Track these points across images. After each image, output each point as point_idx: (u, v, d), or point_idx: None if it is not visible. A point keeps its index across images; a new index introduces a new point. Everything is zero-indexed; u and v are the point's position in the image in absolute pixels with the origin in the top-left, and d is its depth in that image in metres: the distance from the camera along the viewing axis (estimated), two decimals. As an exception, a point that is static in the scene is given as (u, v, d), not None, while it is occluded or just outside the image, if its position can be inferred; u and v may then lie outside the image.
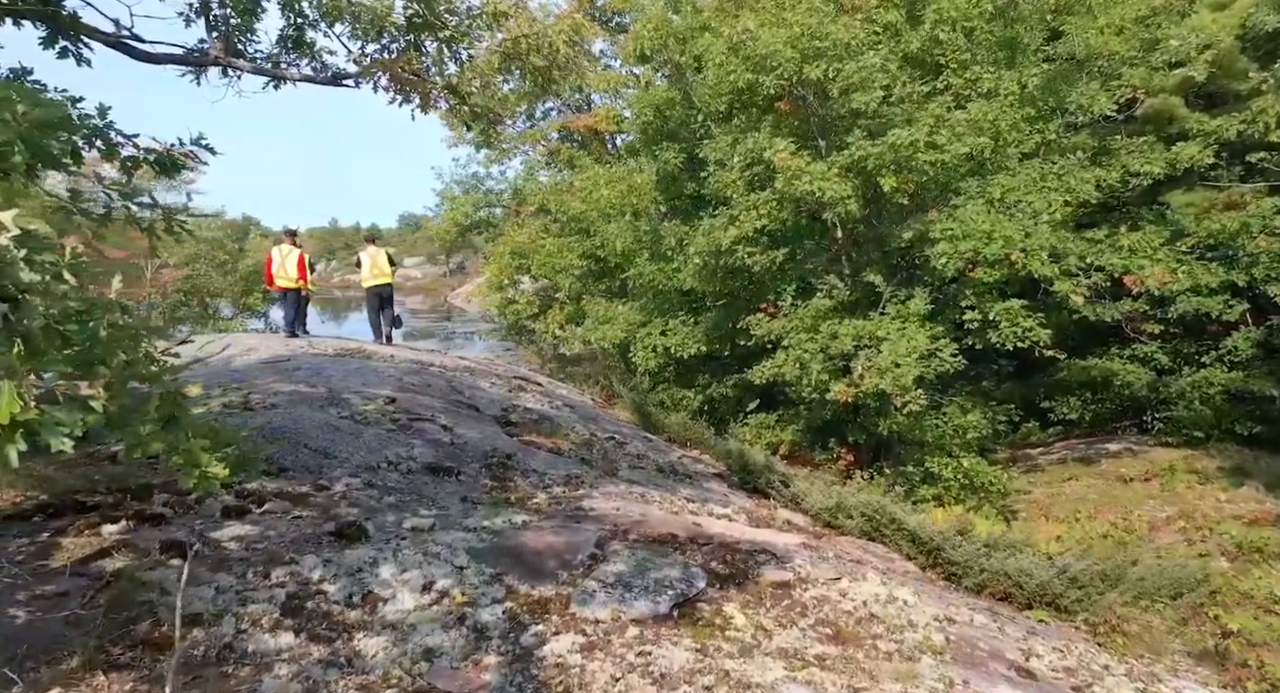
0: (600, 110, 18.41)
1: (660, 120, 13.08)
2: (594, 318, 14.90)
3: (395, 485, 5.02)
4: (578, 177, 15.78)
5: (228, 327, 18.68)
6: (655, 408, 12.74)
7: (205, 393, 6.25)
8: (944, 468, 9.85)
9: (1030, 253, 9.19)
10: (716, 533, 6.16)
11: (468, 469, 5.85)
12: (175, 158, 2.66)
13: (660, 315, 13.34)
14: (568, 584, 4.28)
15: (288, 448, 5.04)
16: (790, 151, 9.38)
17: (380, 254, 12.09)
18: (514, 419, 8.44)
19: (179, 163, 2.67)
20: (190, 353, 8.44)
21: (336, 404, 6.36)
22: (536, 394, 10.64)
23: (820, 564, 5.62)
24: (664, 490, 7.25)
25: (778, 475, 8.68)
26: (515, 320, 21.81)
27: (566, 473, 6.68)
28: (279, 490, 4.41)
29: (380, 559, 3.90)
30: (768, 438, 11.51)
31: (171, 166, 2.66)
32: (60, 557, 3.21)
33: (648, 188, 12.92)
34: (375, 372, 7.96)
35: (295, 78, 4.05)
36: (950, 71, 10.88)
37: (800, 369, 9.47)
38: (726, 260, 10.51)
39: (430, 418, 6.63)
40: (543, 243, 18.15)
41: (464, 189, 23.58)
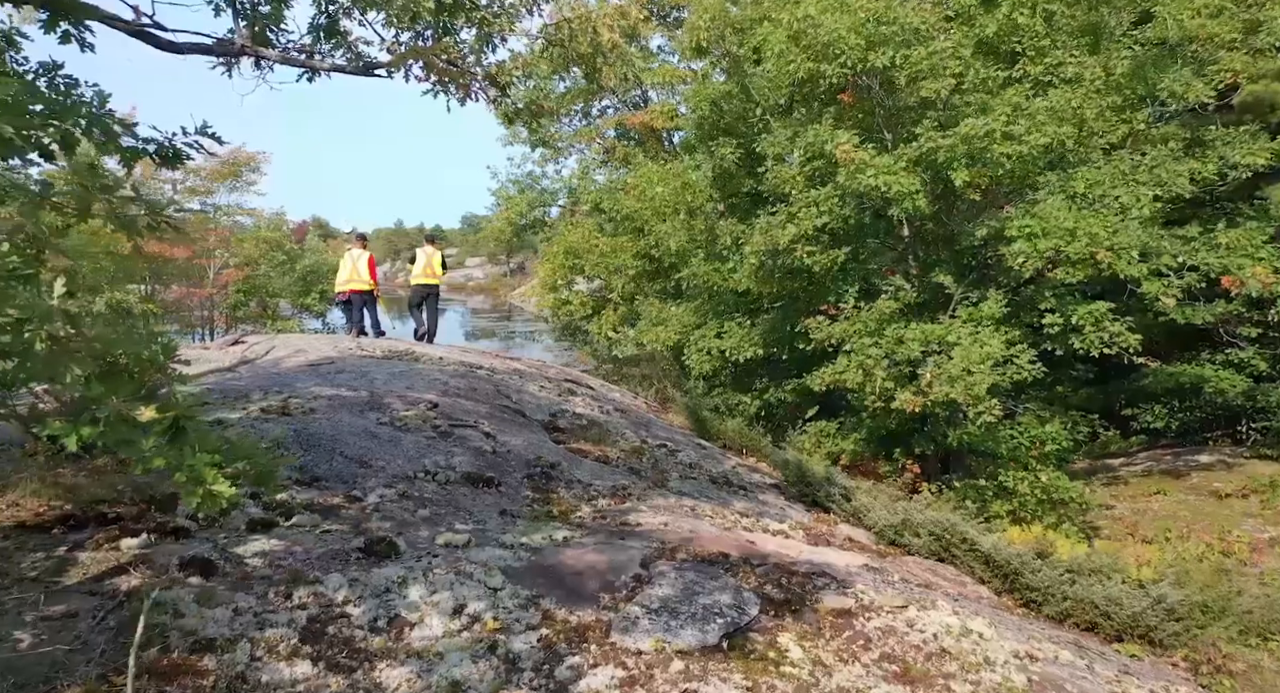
0: (656, 106, 18.14)
1: (717, 115, 12.73)
2: (647, 319, 14.65)
3: (431, 497, 4.84)
4: (631, 174, 15.56)
5: (285, 326, 19.14)
6: (710, 413, 12.41)
7: (245, 396, 6.21)
8: (1020, 482, 9.25)
9: (1118, 251, 8.53)
10: (771, 552, 5.81)
11: (509, 479, 5.64)
12: (178, 148, 2.49)
13: (715, 317, 13.00)
14: (609, 609, 4.02)
15: (322, 456, 4.92)
16: (853, 144, 8.93)
17: (436, 255, 12.18)
18: (561, 425, 8.23)
19: (181, 153, 2.50)
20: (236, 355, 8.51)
21: (377, 409, 6.25)
22: (587, 398, 10.44)
23: (885, 590, 5.22)
24: (716, 504, 6.94)
25: (838, 488, 8.26)
26: (569, 321, 21.73)
27: (613, 484, 6.43)
28: (309, 502, 4.27)
29: (410, 579, 3.70)
30: (827, 447, 11.05)
31: (174, 157, 2.48)
32: (75, 573, 3.09)
33: (703, 185, 12.60)
34: (421, 375, 7.86)
35: (325, 68, 3.91)
36: (1027, 59, 10.24)
37: (863, 376, 9.00)
38: (784, 260, 10.10)
39: (473, 424, 6.46)
40: (596, 242, 18.00)
41: (519, 188, 23.63)
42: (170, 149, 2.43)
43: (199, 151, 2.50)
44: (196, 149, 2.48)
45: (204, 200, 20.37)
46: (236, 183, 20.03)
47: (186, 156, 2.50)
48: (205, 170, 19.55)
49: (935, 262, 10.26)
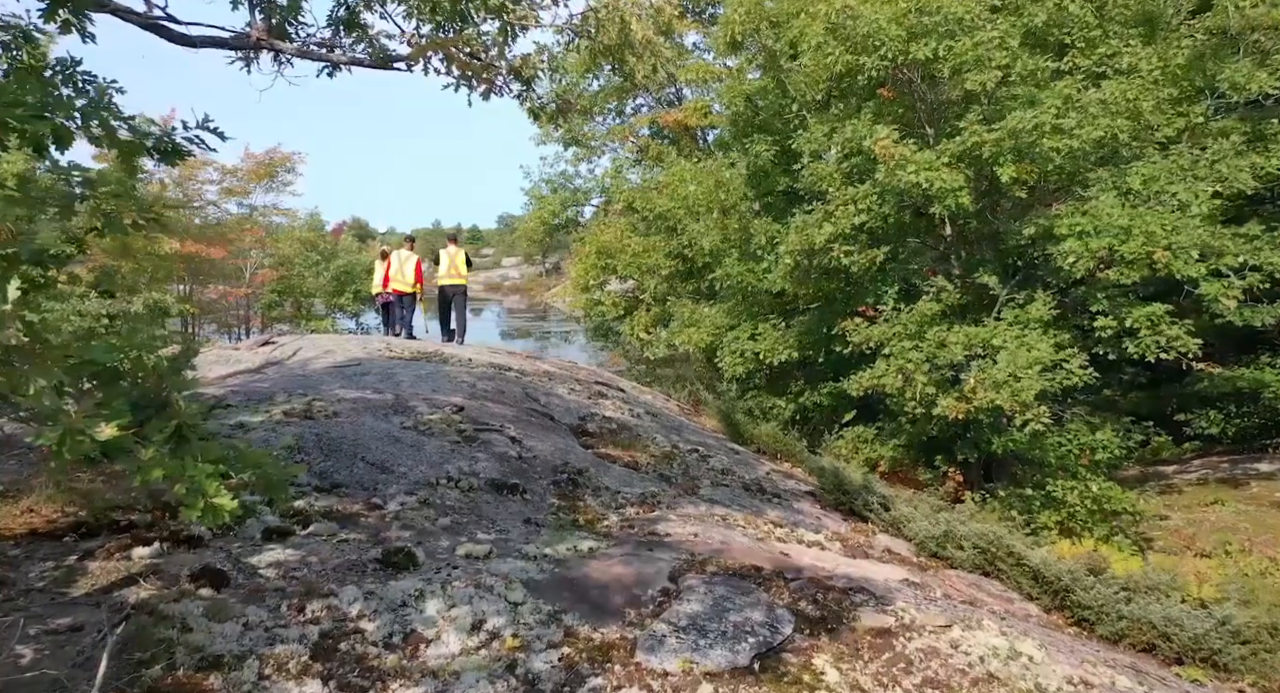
0: (690, 104, 17.93)
1: (751, 111, 12.48)
2: (679, 320, 14.45)
3: (453, 505, 4.74)
4: (664, 173, 15.39)
5: (319, 326, 19.34)
6: (743, 417, 12.19)
7: (269, 398, 6.18)
8: (1069, 492, 8.86)
9: (1176, 251, 8.12)
10: (806, 565, 5.61)
11: (534, 486, 5.52)
12: (176, 143, 2.38)
13: (749, 318, 12.75)
14: (634, 626, 3.86)
15: (343, 461, 4.84)
16: (893, 139, 8.64)
17: (460, 254, 12.29)
18: (590, 429, 8.10)
19: (180, 149, 2.39)
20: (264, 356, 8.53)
21: (402, 413, 6.18)
22: (617, 401, 10.30)
23: (927, 607, 4.99)
24: (749, 512, 6.74)
25: (876, 497, 7.99)
26: (601, 322, 21.63)
27: (642, 491, 6.27)
28: (328, 509, 4.19)
29: (427, 592, 3.58)
30: (865, 453, 10.74)
31: (173, 152, 2.38)
32: (84, 584, 3.03)
33: (737, 183, 12.36)
34: (448, 377, 7.79)
35: (343, 61, 3.82)
36: (1077, 51, 9.84)
37: (903, 380, 8.70)
38: (821, 260, 9.83)
39: (499, 429, 6.35)
40: (628, 242, 17.85)
41: (552, 188, 23.61)
42: (169, 144, 2.32)
43: (200, 147, 2.39)
44: (198, 144, 2.37)
45: (241, 201, 20.75)
46: (273, 183, 20.36)
47: (187, 152, 2.40)
48: (242, 171, 19.88)
49: (979, 262, 9.89)
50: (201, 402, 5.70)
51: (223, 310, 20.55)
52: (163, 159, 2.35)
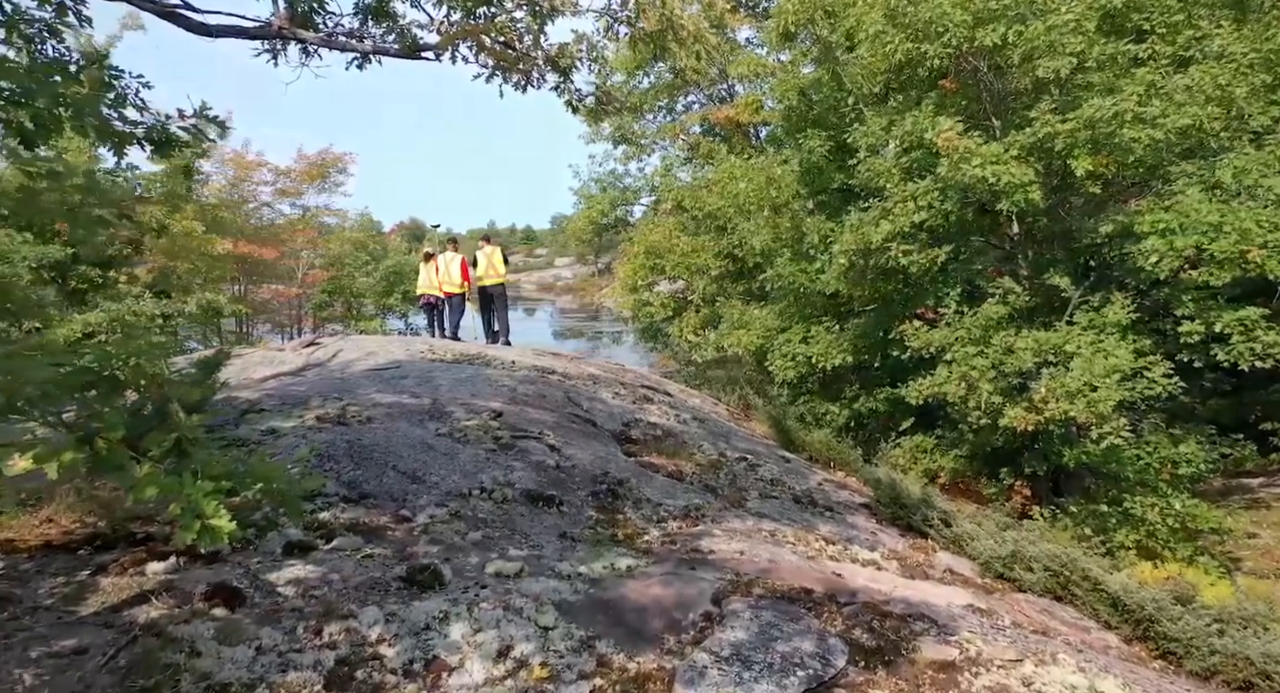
0: (741, 100, 17.57)
1: (805, 106, 12.08)
2: (728, 322, 14.12)
3: (486, 517, 4.56)
4: (715, 170, 15.07)
5: (368, 326, 19.59)
6: (795, 423, 11.80)
7: (304, 403, 6.12)
8: (1148, 509, 8.27)
9: (1273, 249, 7.48)
10: (861, 587, 5.28)
11: (572, 498, 5.31)
12: (171, 133, 2.23)
13: (801, 321, 12.35)
14: (673, 654, 3.62)
15: (373, 470, 4.71)
16: (957, 131, 8.18)
17: (496, 253, 12.30)
18: (634, 436, 7.87)
19: (173, 139, 2.24)
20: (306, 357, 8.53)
21: (438, 418, 6.04)
22: (663, 406, 10.05)
23: (995, 637, 4.62)
24: (799, 527, 6.41)
25: (937, 512, 7.57)
26: (650, 323, 21.42)
27: (685, 504, 6.02)
28: (353, 522, 4.05)
29: (452, 614, 3.40)
30: (924, 464, 10.26)
31: (166, 143, 2.22)
32: (94, 601, 2.92)
33: (789, 180, 11.97)
34: (487, 381, 7.65)
35: (368, 51, 3.68)
36: (1157, 37, 9.19)
37: (966, 389, 8.23)
38: (877, 260, 9.40)
39: (537, 436, 6.17)
40: (677, 242, 17.60)
41: (601, 187, 23.49)
42: (162, 134, 2.16)
43: (198, 137, 2.23)
44: (195, 135, 2.21)
45: (293, 201, 21.19)
46: (324, 184, 20.73)
47: (183, 143, 2.24)
48: (295, 172, 20.29)
49: (1049, 261, 9.34)
50: (234, 406, 5.66)
51: (275, 310, 21.02)
52: (156, 150, 2.19)
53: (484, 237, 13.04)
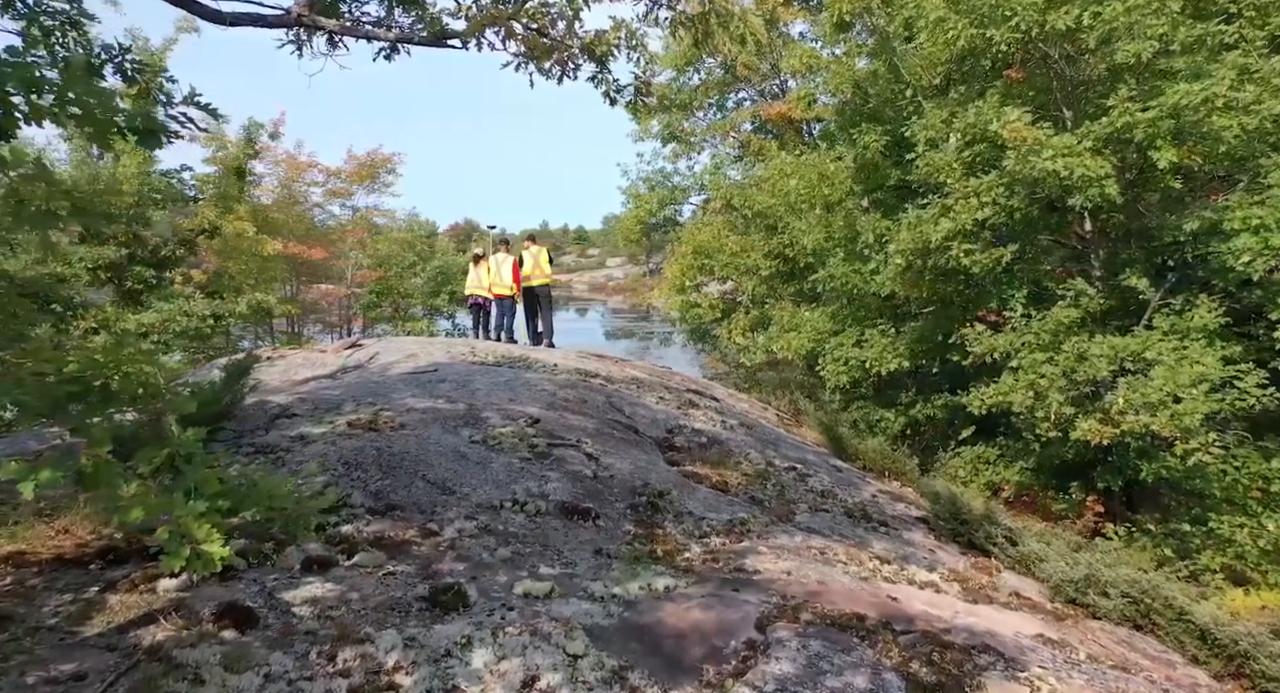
0: (794, 94, 17.15)
1: (860, 99, 11.65)
2: (778, 325, 13.73)
3: (517, 532, 4.35)
4: (765, 167, 14.71)
5: (415, 327, 19.72)
6: (847, 430, 11.38)
7: (337, 408, 6.02)
8: (1237, 530, 7.65)
9: (1381, 247, 6.84)
10: (919, 612, 4.93)
11: (609, 511, 5.08)
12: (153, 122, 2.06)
13: (854, 323, 11.91)
14: (713, 688, 3.37)
15: (402, 480, 4.55)
16: (1025, 122, 7.70)
17: (542, 253, 12.21)
18: (677, 443, 7.61)
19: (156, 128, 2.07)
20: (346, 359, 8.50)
21: (472, 425, 5.88)
22: (709, 412, 9.75)
23: (1069, 674, 4.25)
24: (851, 543, 6.07)
25: (1001, 529, 7.11)
26: (698, 325, 21.10)
27: (730, 517, 5.73)
28: (378, 536, 3.88)
29: (475, 639, 3.19)
30: (986, 477, 9.74)
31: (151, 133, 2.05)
32: (99, 621, 2.80)
33: (843, 177, 11.56)
34: (527, 385, 7.48)
35: (391, 39, 3.51)
36: (1245, 20, 8.52)
37: (1034, 398, 7.73)
38: (937, 260, 8.94)
39: (575, 443, 5.95)
40: (726, 241, 17.25)
41: (649, 186, 23.25)
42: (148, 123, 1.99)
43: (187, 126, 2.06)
44: (183, 123, 2.04)
45: (343, 202, 21.51)
46: (374, 185, 20.98)
47: (171, 133, 2.07)
48: (345, 172, 20.58)
49: (1125, 261, 8.75)
50: (265, 411, 5.59)
51: (324, 311, 21.36)
52: (140, 141, 2.02)
53: (529, 236, 12.94)
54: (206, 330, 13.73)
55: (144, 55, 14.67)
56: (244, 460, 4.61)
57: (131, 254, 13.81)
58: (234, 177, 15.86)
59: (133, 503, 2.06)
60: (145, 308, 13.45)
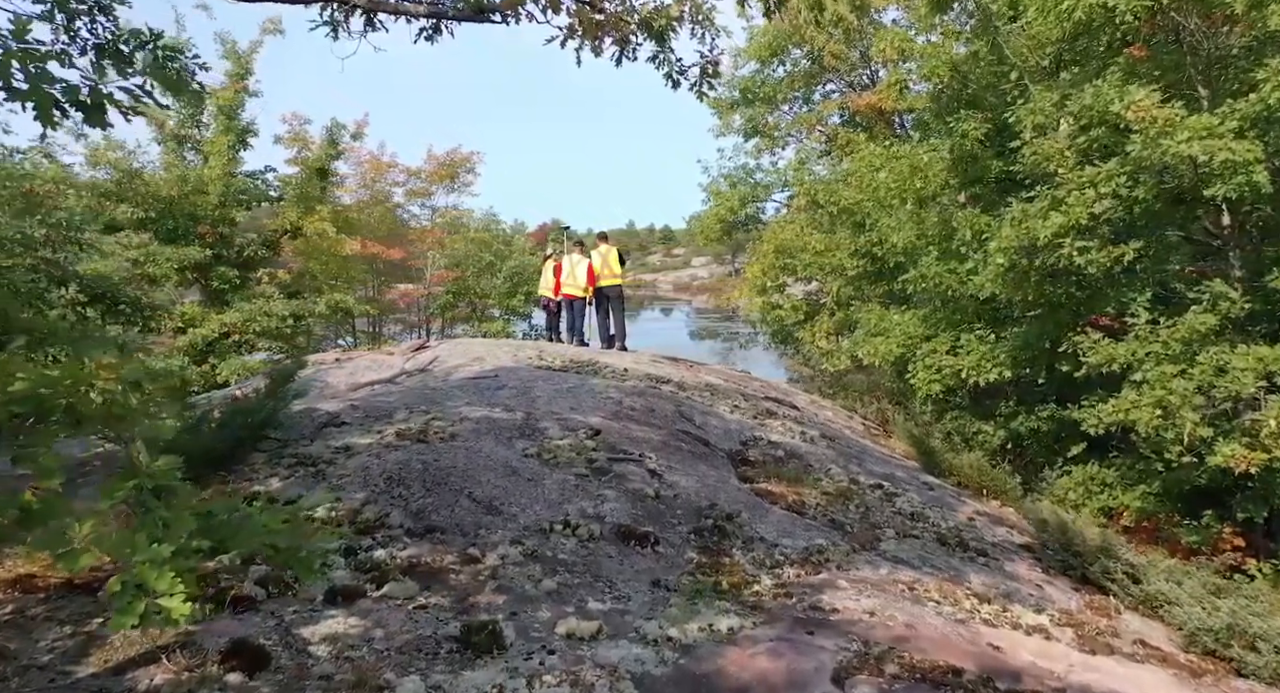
0: (885, 82, 16.29)
1: (959, 84, 10.79)
2: (865, 328, 12.97)
3: (566, 559, 4.00)
4: (854, 159, 13.96)
5: (490, 328, 19.80)
6: (940, 442, 10.59)
7: (388, 415, 5.82)
8: None
9: None
10: (1026, 665, 4.33)
11: (670, 535, 4.67)
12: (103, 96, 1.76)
13: (949, 328, 11.08)
14: (778, 760, 2.92)
15: (446, 498, 4.27)
16: (1155, 101, 6.85)
17: (612, 253, 11.89)
18: (751, 457, 7.13)
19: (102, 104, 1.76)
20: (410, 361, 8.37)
21: (528, 436, 5.57)
22: (788, 421, 9.21)
23: (1215, 755, 3.57)
24: (945, 576, 5.46)
25: (1121, 564, 6.33)
26: (779, 327, 20.41)
27: (806, 544, 5.23)
28: (413, 561, 3.60)
29: (508, 690, 2.84)
30: (1101, 501, 8.79)
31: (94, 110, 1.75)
32: (97, 659, 2.59)
33: (937, 169, 10.75)
34: (591, 392, 7.14)
35: (419, 14, 3.22)
36: None
37: (1163, 417, 6.86)
38: (1045, 259, 8.11)
39: (638, 458, 5.57)
40: (809, 240, 16.55)
41: (730, 183, 22.65)
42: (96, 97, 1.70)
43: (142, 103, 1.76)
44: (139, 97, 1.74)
45: (423, 202, 21.83)
46: (453, 185, 21.18)
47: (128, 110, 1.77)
48: (425, 172, 20.87)
49: (1274, 258, 7.71)
50: (313, 419, 5.44)
51: (403, 311, 21.72)
52: (88, 119, 1.73)
53: (600, 235, 12.65)
54: (286, 330, 14.06)
55: (229, 53, 15.22)
56: (284, 472, 4.43)
57: (217, 254, 14.30)
58: (315, 177, 16.22)
59: (81, 551, 1.78)
60: (229, 308, 13.89)
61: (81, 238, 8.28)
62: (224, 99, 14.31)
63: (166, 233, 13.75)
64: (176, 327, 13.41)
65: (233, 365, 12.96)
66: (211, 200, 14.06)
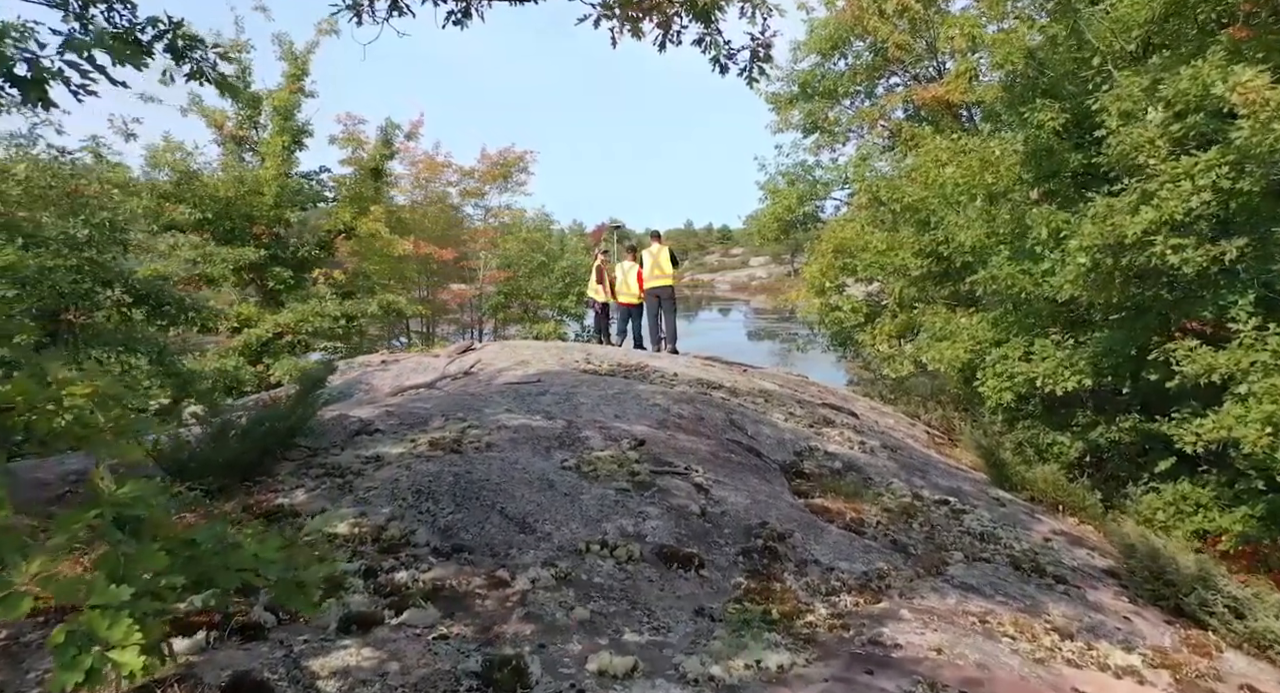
0: (953, 73, 15.60)
1: (1034, 71, 10.14)
2: (929, 332, 12.37)
3: (602, 583, 3.72)
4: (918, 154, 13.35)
5: (541, 329, 19.71)
6: (1011, 453, 9.97)
7: (424, 423, 5.63)
8: None
9: None
10: (1117, 716, 3.89)
11: (717, 557, 4.35)
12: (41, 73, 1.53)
13: (1022, 332, 10.43)
14: None
15: (476, 514, 4.03)
16: (1265, 82, 6.21)
17: (663, 252, 11.62)
18: (806, 469, 6.74)
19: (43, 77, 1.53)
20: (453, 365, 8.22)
21: (567, 446, 5.31)
22: (846, 430, 8.78)
23: None
24: (1020, 607, 5.02)
25: (1222, 596, 5.74)
26: (838, 329, 19.81)
27: (866, 568, 4.84)
28: (436, 585, 3.36)
29: (526, 738, 2.57)
30: (1194, 523, 8.09)
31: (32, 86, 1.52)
32: (83, 690, 2.38)
33: (1010, 163, 10.13)
34: (637, 399, 6.86)
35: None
36: None
37: (1272, 434, 6.22)
38: (1134, 258, 7.48)
39: (684, 471, 5.26)
40: (870, 239, 15.96)
41: (788, 181, 22.10)
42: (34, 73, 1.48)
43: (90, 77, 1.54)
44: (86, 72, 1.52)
45: (476, 202, 21.91)
46: (506, 184, 21.19)
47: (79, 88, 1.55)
48: (479, 172, 20.93)
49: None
50: (345, 427, 5.28)
51: (455, 311, 21.84)
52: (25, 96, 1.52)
53: (653, 234, 12.38)
54: (339, 331, 14.19)
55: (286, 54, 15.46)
56: (311, 483, 4.26)
57: (272, 255, 14.52)
58: (369, 177, 16.36)
59: (23, 596, 1.57)
60: (283, 308, 14.07)
61: (126, 238, 8.40)
62: (279, 100, 14.53)
63: (224, 233, 14.02)
64: (232, 326, 13.66)
65: (285, 366, 13.12)
66: (267, 201, 14.27)
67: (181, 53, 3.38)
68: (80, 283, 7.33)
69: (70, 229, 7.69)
